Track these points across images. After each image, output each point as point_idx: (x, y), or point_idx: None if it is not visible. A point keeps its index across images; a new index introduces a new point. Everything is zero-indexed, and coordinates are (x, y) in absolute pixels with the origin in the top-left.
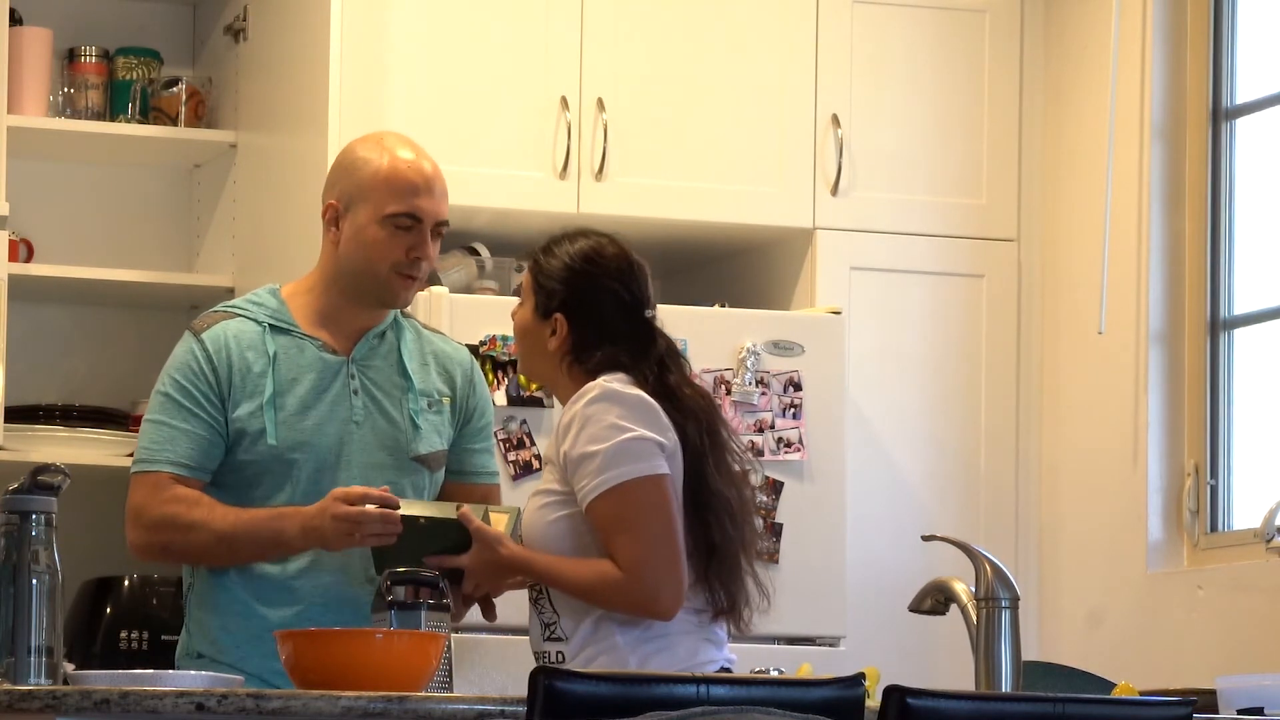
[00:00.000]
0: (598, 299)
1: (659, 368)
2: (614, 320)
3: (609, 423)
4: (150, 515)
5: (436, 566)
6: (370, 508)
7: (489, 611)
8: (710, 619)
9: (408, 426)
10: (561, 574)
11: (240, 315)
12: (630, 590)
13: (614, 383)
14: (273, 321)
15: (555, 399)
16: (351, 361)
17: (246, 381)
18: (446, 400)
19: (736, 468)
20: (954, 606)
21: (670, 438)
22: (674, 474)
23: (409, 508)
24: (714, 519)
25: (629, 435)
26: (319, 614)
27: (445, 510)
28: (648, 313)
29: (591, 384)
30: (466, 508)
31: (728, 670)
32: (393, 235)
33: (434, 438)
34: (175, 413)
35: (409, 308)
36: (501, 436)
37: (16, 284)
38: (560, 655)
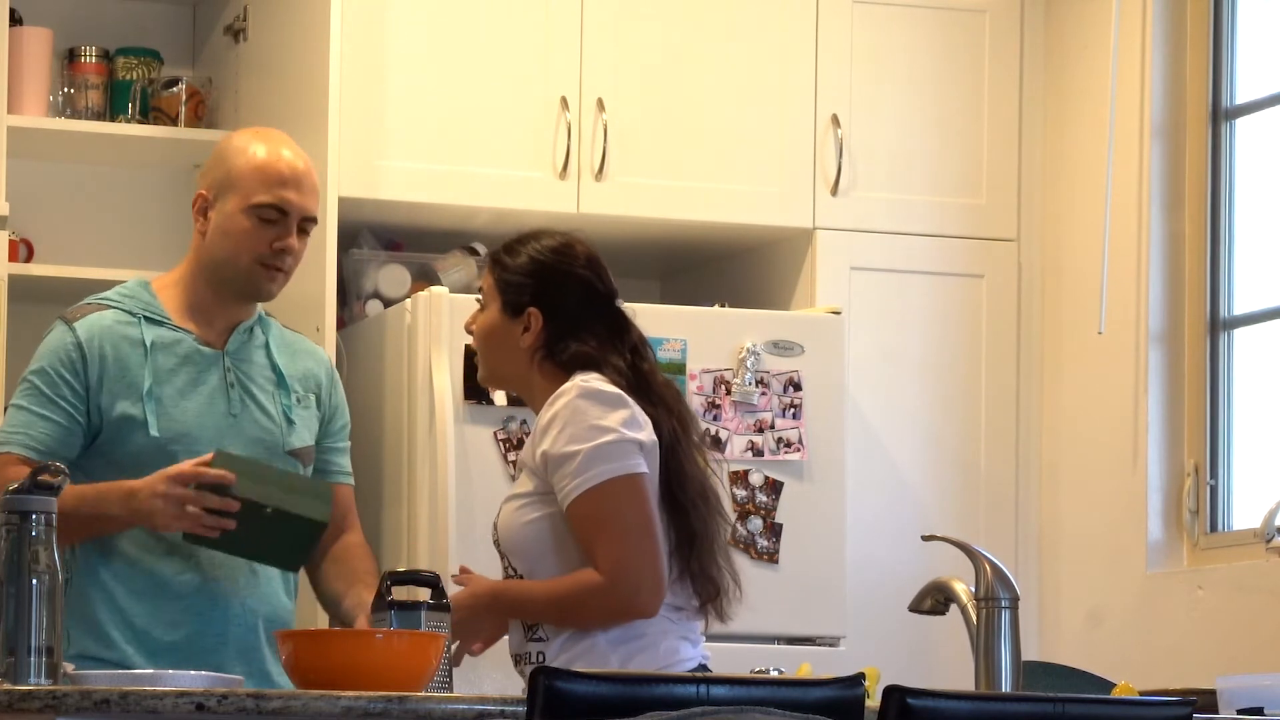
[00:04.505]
0: (571, 290)
1: (633, 355)
2: (589, 311)
3: (589, 423)
4: None
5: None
6: (210, 496)
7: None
8: (689, 616)
9: (282, 421)
10: (538, 595)
11: (114, 307)
12: (612, 592)
13: (591, 381)
14: (146, 314)
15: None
16: (226, 354)
17: (124, 373)
18: (312, 397)
19: (700, 460)
20: (954, 606)
21: (648, 435)
22: (651, 471)
23: (255, 487)
24: (692, 506)
25: (608, 437)
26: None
27: (295, 488)
28: (618, 302)
29: (569, 384)
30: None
31: (705, 668)
32: (258, 226)
33: (304, 433)
34: (36, 399)
35: (268, 304)
36: (501, 437)
37: (16, 284)
38: (541, 655)
